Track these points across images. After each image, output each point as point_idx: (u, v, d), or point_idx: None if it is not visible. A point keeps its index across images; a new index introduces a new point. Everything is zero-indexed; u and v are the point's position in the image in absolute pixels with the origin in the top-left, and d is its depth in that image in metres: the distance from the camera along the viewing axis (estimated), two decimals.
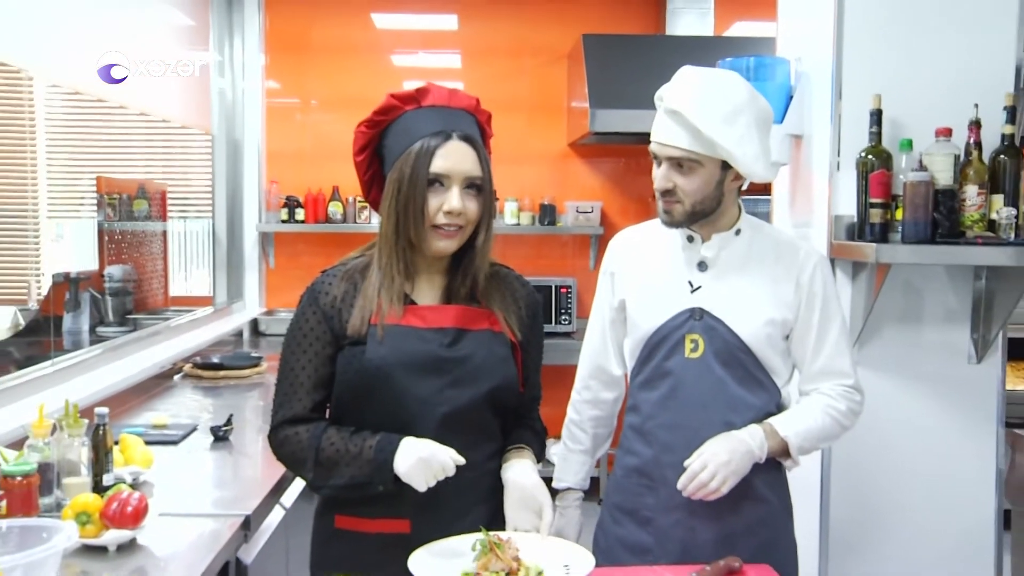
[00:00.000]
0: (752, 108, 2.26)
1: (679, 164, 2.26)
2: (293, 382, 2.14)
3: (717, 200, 2.30)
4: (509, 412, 2.22)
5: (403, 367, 2.06)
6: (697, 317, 2.32)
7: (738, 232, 2.36)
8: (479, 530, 1.98)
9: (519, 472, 2.13)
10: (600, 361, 2.52)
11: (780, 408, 2.37)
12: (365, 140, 2.17)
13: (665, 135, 2.26)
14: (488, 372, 2.11)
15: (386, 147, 2.14)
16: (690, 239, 2.37)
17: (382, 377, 2.05)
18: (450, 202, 2.05)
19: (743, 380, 2.32)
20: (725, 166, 2.26)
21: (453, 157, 2.06)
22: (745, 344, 2.30)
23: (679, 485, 2.19)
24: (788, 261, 2.36)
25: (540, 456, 2.23)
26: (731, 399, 2.31)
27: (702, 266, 2.35)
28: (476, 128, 2.16)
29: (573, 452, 2.56)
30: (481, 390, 2.10)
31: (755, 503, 2.31)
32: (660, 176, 2.29)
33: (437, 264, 2.16)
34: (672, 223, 2.33)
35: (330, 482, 2.08)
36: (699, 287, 2.34)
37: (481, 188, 2.11)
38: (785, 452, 2.28)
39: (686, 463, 2.20)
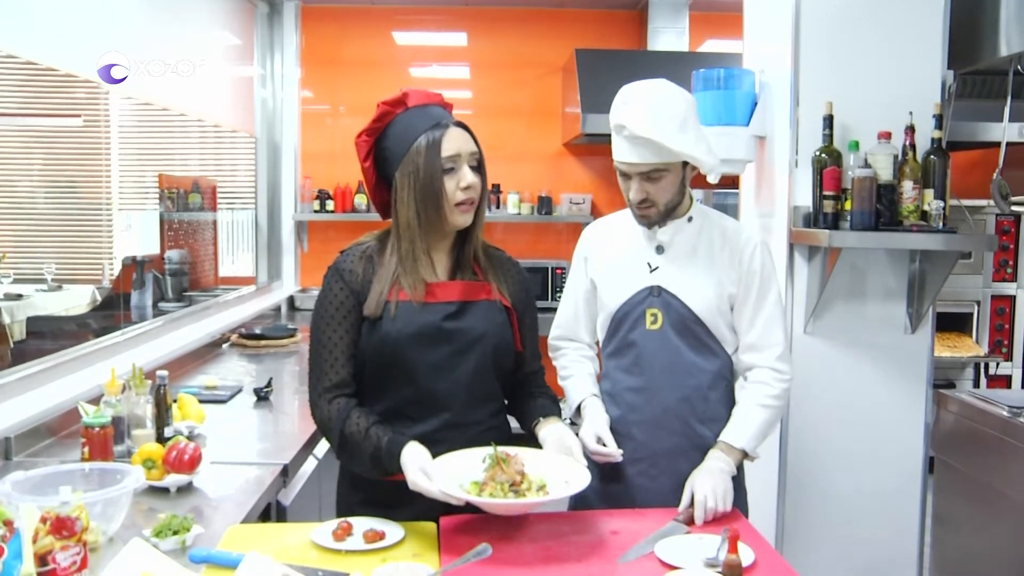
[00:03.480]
0: (691, 109, 2.24)
1: (648, 176, 2.23)
2: (329, 353, 2.07)
3: (682, 193, 2.30)
4: (508, 375, 2.21)
5: (414, 339, 2.03)
6: (656, 294, 2.31)
7: (690, 219, 2.34)
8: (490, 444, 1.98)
9: (552, 429, 2.13)
10: (570, 333, 2.51)
11: (732, 372, 2.37)
12: (367, 147, 2.13)
13: (632, 156, 2.20)
14: (490, 335, 2.10)
15: (387, 149, 2.09)
16: (649, 226, 2.35)
17: (398, 348, 2.03)
18: (466, 178, 2.04)
19: (697, 348, 2.31)
20: (685, 165, 2.25)
21: (458, 140, 2.05)
22: (697, 316, 2.30)
23: (696, 519, 2.10)
24: (732, 243, 2.33)
25: (560, 416, 2.22)
26: (687, 365, 2.31)
27: (660, 249, 2.34)
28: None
29: (570, 376, 2.47)
30: (486, 354, 2.09)
31: (704, 454, 2.29)
32: (634, 190, 2.25)
33: (443, 244, 2.14)
34: (650, 225, 2.32)
35: (350, 462, 2.08)
36: (657, 267, 2.33)
37: (480, 163, 2.11)
38: (745, 456, 2.29)
39: (689, 499, 2.14)
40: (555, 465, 2.02)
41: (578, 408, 2.42)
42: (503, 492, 1.90)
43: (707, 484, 2.15)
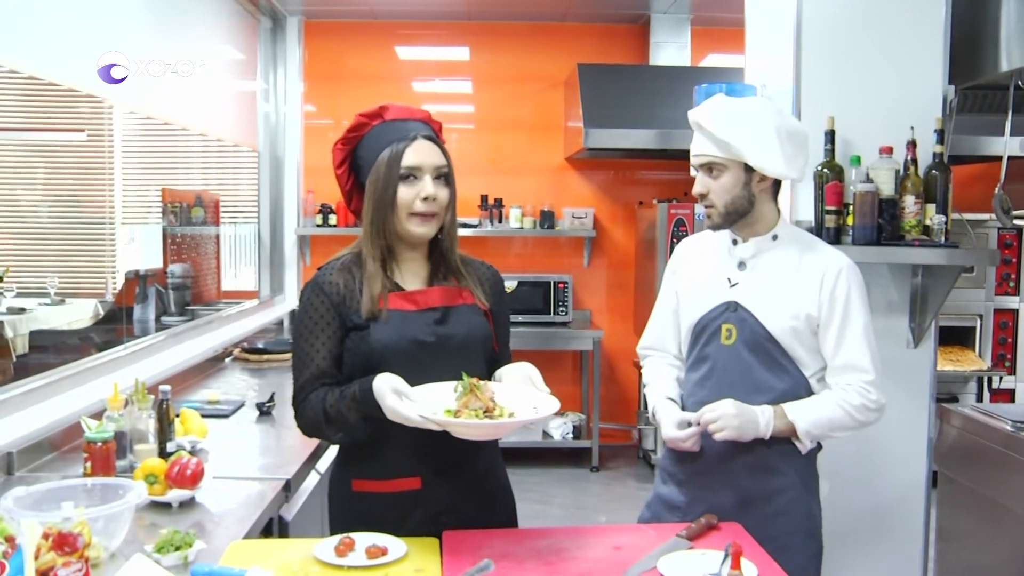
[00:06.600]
0: (774, 120, 2.25)
1: (709, 170, 2.28)
2: (309, 365, 2.08)
3: (748, 200, 2.28)
4: (485, 373, 2.15)
5: (404, 346, 2.04)
6: (732, 309, 2.31)
7: (775, 237, 2.34)
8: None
9: (508, 366, 2.14)
10: (657, 344, 2.54)
11: (808, 393, 2.31)
12: (342, 155, 2.17)
13: (695, 147, 2.29)
14: (472, 339, 2.12)
15: (360, 159, 2.13)
16: (735, 242, 2.36)
17: (388, 356, 2.03)
18: (425, 189, 2.05)
19: (769, 366, 2.29)
20: (749, 169, 2.25)
21: (422, 152, 2.07)
22: (771, 334, 2.27)
23: (695, 415, 2.23)
24: (816, 265, 2.30)
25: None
26: (756, 381, 2.28)
27: (741, 265, 2.34)
28: (434, 133, 2.17)
29: (648, 384, 2.50)
30: (468, 357, 2.09)
31: (769, 474, 2.28)
32: (696, 183, 2.31)
33: (418, 252, 2.16)
34: (712, 226, 2.34)
35: (348, 434, 2.04)
36: (736, 283, 2.33)
37: (448, 177, 2.13)
38: (793, 433, 2.25)
39: (708, 405, 2.21)
40: (520, 395, 2.01)
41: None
42: (478, 418, 1.89)
43: (725, 406, 2.19)
